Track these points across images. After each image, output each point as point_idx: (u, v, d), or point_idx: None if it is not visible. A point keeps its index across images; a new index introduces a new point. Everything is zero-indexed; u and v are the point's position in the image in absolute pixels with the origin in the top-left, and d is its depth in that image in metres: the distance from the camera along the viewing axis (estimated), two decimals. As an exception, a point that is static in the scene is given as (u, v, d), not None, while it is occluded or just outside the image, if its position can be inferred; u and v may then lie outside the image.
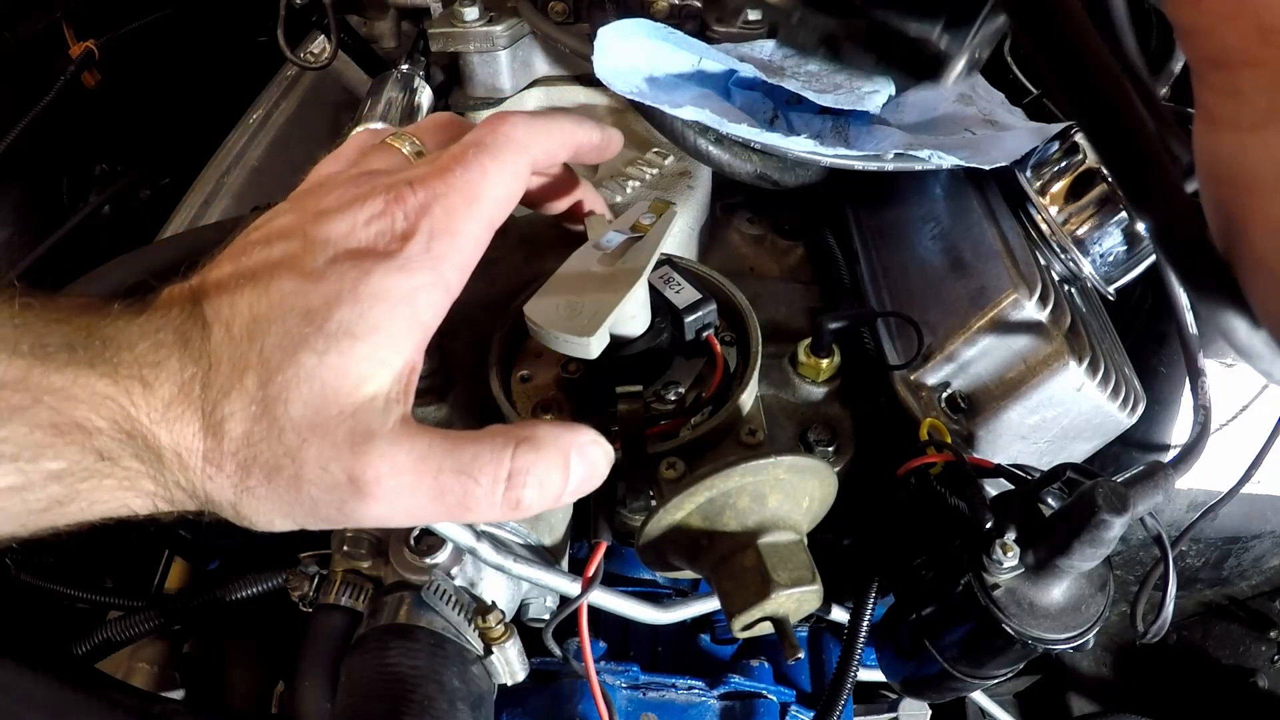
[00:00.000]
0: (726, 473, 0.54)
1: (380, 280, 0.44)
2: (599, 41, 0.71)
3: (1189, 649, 1.09)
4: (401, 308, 0.45)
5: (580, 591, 0.60)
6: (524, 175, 0.53)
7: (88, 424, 0.40)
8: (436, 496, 0.46)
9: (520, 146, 0.52)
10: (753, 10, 0.85)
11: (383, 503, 0.45)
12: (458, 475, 0.46)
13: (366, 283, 0.44)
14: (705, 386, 0.64)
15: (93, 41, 1.27)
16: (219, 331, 0.44)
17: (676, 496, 0.55)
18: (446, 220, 0.47)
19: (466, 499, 0.46)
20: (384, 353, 0.45)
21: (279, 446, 0.43)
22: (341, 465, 0.43)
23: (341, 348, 0.43)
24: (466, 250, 0.48)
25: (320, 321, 0.43)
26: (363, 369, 0.44)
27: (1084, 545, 0.55)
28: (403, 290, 0.45)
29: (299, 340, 0.43)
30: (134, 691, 0.72)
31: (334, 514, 0.45)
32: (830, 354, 0.70)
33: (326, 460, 0.43)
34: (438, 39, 0.86)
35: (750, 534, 0.57)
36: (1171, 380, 0.88)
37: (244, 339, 0.43)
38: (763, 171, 0.79)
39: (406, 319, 0.45)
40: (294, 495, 0.44)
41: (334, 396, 0.43)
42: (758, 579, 0.55)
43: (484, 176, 0.50)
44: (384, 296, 0.44)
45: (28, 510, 0.40)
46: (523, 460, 0.47)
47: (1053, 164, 0.75)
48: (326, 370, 0.43)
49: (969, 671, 0.65)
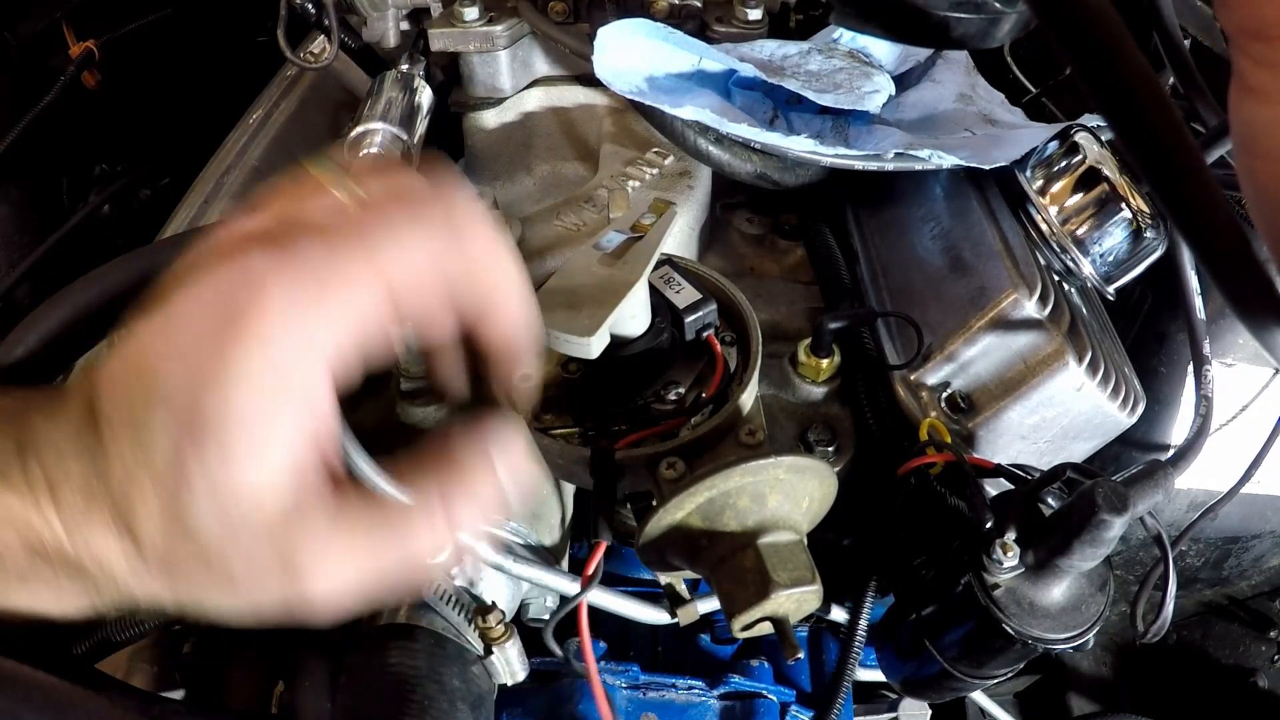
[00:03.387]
0: (726, 473, 0.54)
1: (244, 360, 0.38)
2: (599, 41, 0.71)
3: (1189, 649, 1.09)
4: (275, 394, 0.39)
5: (579, 590, 0.60)
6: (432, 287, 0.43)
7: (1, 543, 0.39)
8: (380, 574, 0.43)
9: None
10: (753, 10, 0.85)
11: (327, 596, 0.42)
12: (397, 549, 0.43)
13: (228, 365, 0.38)
14: (705, 386, 0.64)
15: (93, 41, 1.27)
16: (105, 429, 0.40)
17: (676, 496, 0.55)
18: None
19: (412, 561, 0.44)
20: (276, 455, 0.39)
21: (201, 558, 0.40)
22: (274, 579, 0.40)
23: (223, 455, 0.38)
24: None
25: (189, 418, 0.38)
26: (250, 475, 0.38)
27: (1084, 545, 0.55)
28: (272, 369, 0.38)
29: (178, 447, 0.38)
30: (134, 691, 0.72)
31: (282, 615, 0.42)
32: (830, 354, 0.70)
33: (256, 570, 0.40)
34: (438, 39, 0.86)
35: (750, 534, 0.56)
36: (1171, 380, 0.88)
37: (129, 437, 0.39)
38: (763, 171, 0.79)
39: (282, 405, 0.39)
40: (233, 596, 0.41)
41: (237, 505, 0.39)
42: (758, 579, 0.55)
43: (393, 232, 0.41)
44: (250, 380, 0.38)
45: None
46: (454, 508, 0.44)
47: (1053, 164, 0.75)
48: (217, 484, 0.38)
49: (969, 671, 0.65)
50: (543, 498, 0.72)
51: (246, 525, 0.39)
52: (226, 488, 0.38)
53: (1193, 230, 0.35)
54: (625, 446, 0.60)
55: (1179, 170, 0.33)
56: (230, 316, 0.39)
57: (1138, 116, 0.33)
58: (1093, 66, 0.32)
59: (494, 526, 0.67)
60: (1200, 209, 0.34)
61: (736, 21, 0.86)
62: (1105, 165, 0.73)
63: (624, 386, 0.63)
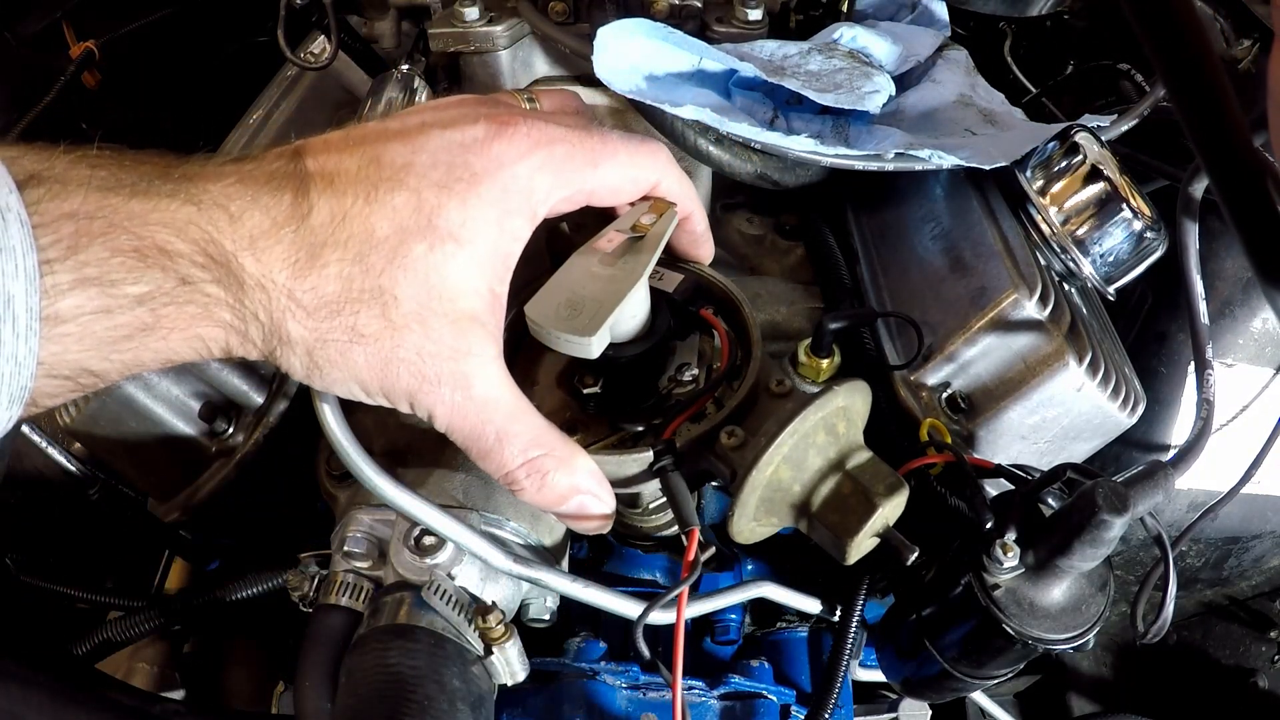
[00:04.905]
0: (803, 414, 0.57)
1: (487, 192, 0.47)
2: (598, 41, 0.71)
3: (1189, 649, 1.09)
4: (494, 228, 0.47)
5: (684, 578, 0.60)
6: (629, 191, 0.57)
7: (169, 248, 0.41)
8: (476, 433, 0.50)
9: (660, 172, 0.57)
10: (753, 10, 0.85)
11: (450, 413, 0.49)
12: (499, 438, 0.51)
13: (476, 192, 0.46)
14: (714, 359, 0.66)
15: (93, 41, 1.27)
16: (320, 182, 0.45)
17: (766, 453, 0.57)
18: (556, 165, 0.50)
19: (489, 452, 0.52)
20: (477, 268, 0.47)
21: (381, 321, 0.46)
22: (436, 367, 0.47)
23: (448, 250, 0.46)
24: (550, 204, 0.51)
25: (430, 214, 0.46)
26: (461, 279, 0.47)
27: (1084, 545, 0.55)
28: (499, 210, 0.47)
29: (409, 226, 0.45)
30: (134, 691, 0.72)
31: (402, 400, 0.49)
32: (830, 354, 0.70)
33: (426, 355, 0.47)
34: (438, 39, 0.86)
35: (835, 464, 0.60)
36: (1171, 380, 0.88)
37: (349, 195, 0.45)
38: (763, 171, 0.79)
39: (496, 240, 0.48)
40: (377, 368, 0.47)
41: (439, 295, 0.46)
42: (861, 500, 0.58)
43: (613, 157, 0.53)
44: (484, 212, 0.47)
45: (113, 337, 0.41)
46: (545, 466, 0.53)
47: (1053, 164, 0.75)
48: (433, 268, 0.46)
49: (969, 671, 0.65)
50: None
51: (436, 325, 0.46)
52: (439, 274, 0.46)
53: (1220, 171, 0.35)
54: (670, 435, 0.61)
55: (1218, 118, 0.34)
56: (484, 139, 0.48)
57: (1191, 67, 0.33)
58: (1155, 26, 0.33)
59: (494, 526, 0.67)
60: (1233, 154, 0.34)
61: (736, 21, 0.86)
62: (1105, 165, 0.73)
63: (647, 380, 0.65)
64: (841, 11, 0.93)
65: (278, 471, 0.79)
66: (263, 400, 0.79)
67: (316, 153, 0.46)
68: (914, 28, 0.96)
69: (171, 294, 0.41)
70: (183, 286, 0.42)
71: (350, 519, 0.67)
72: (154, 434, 0.75)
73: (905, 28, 0.95)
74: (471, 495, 0.68)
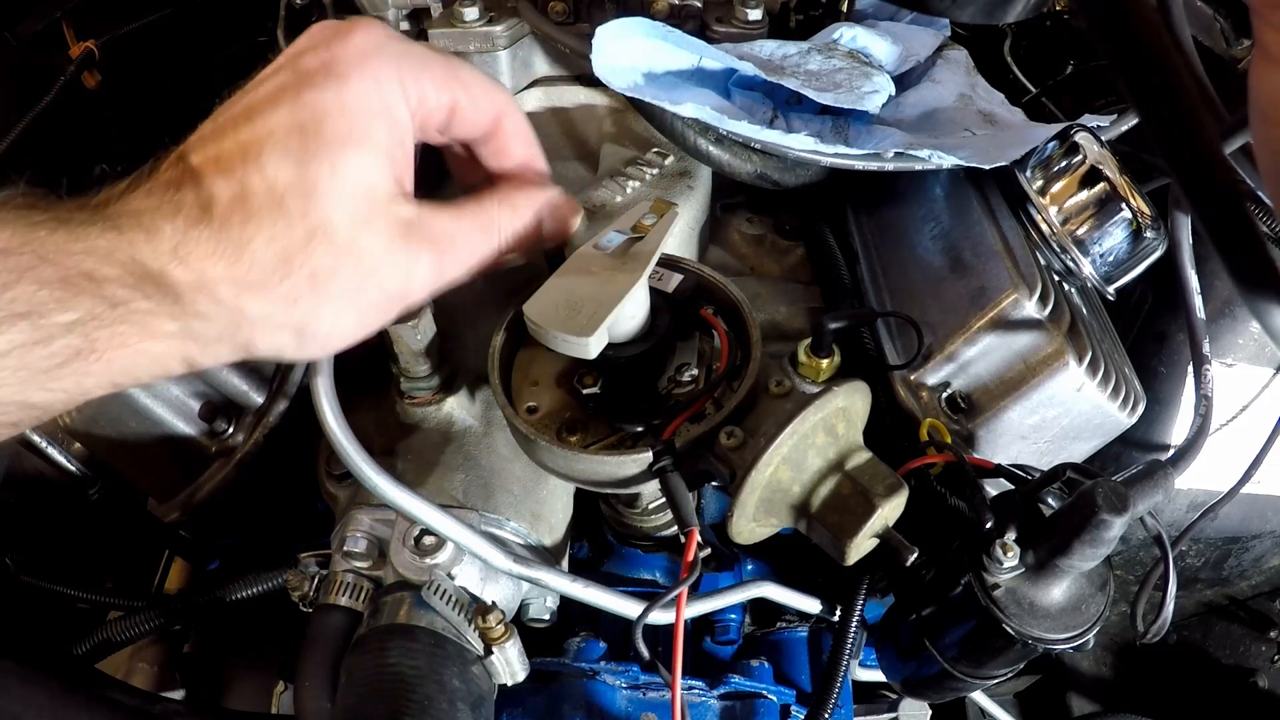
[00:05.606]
0: (802, 415, 0.57)
1: (359, 84, 0.48)
2: (598, 40, 0.71)
3: (1189, 649, 1.09)
4: (380, 120, 0.49)
5: (683, 578, 0.60)
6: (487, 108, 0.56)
7: (97, 274, 0.42)
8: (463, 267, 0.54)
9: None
10: (753, 10, 0.85)
11: (436, 277, 0.52)
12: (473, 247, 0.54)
13: (350, 89, 0.47)
14: (712, 359, 0.66)
15: (93, 41, 1.27)
16: (210, 171, 0.46)
17: (765, 453, 0.57)
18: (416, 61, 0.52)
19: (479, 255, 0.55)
20: (384, 159, 0.48)
21: (331, 254, 0.47)
22: (400, 258, 0.49)
23: (348, 155, 0.47)
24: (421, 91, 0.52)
25: (315, 131, 0.46)
26: (372, 177, 0.48)
27: (1084, 545, 0.55)
28: (378, 100, 0.48)
29: (305, 157, 0.46)
30: (134, 691, 0.72)
31: (395, 303, 0.51)
32: (830, 354, 0.70)
33: (385, 256, 0.48)
34: (438, 39, 0.86)
35: (834, 464, 0.60)
36: (1171, 380, 0.87)
37: (238, 167, 0.46)
38: (763, 171, 0.79)
39: (388, 129, 0.49)
40: (353, 293, 0.48)
41: (364, 196, 0.47)
42: (860, 500, 0.58)
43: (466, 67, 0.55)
44: (365, 102, 0.48)
45: (47, 366, 0.41)
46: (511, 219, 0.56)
47: (1053, 164, 0.75)
48: (344, 182, 0.47)
49: (969, 671, 0.65)
50: (542, 497, 0.72)
51: (378, 223, 0.48)
52: (350, 182, 0.47)
53: (1196, 191, 0.35)
54: (670, 435, 0.61)
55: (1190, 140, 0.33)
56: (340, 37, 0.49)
57: (1158, 85, 0.33)
58: (1115, 39, 0.33)
59: (494, 526, 0.67)
60: (1209, 175, 0.34)
61: (736, 21, 0.86)
62: (1105, 165, 0.73)
63: (647, 381, 0.65)
64: (841, 11, 0.93)
65: (278, 471, 0.79)
66: (263, 400, 0.79)
67: (195, 147, 0.47)
68: (914, 28, 0.96)
69: (101, 317, 0.42)
70: (113, 309, 0.42)
71: (350, 519, 0.67)
72: (154, 434, 0.75)
73: (905, 28, 0.95)
74: (471, 495, 0.68)
